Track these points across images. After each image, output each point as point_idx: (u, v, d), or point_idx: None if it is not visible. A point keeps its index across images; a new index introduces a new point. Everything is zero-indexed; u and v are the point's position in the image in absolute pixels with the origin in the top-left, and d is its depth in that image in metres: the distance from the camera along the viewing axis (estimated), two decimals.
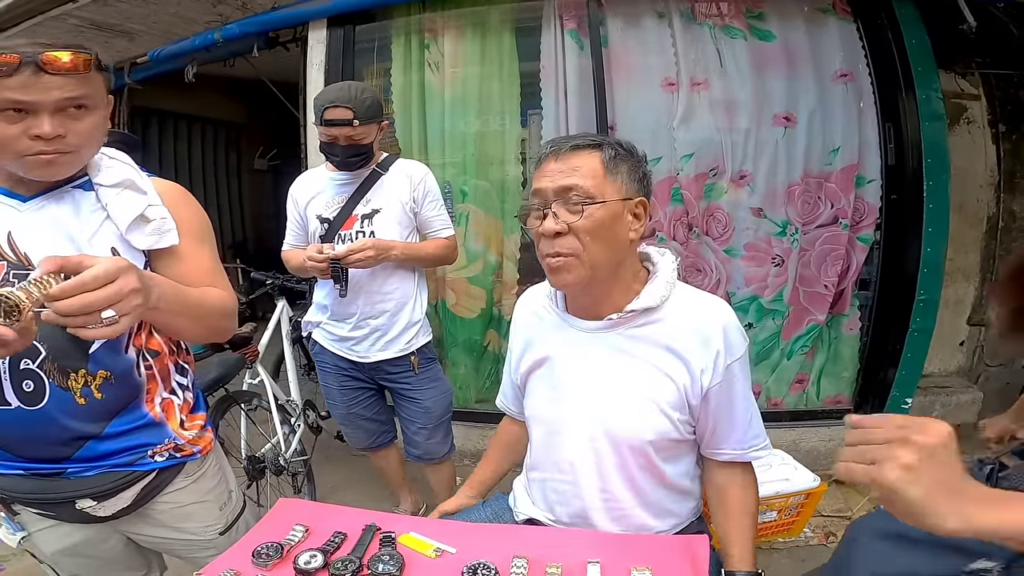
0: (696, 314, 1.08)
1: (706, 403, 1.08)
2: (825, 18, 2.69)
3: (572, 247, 1.03)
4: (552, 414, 1.17)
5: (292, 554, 0.99)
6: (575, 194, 1.02)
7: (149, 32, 3.62)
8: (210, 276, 1.14)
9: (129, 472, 1.09)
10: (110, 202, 1.04)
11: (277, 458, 2.29)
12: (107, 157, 1.09)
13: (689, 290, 1.13)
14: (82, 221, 1.02)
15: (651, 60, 2.72)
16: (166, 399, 1.14)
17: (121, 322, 0.80)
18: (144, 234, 1.05)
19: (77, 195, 1.04)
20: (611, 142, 1.07)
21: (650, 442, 1.08)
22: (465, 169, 2.90)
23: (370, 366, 2.03)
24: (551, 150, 1.08)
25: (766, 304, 2.78)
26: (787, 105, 2.66)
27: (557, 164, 1.05)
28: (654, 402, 1.07)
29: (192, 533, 1.23)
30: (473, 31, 2.86)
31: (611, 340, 1.10)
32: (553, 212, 1.04)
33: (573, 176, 1.03)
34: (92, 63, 0.95)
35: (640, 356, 1.08)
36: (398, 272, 1.96)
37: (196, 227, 1.15)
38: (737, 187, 2.70)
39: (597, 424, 1.10)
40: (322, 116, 1.80)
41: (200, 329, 1.11)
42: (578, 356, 1.13)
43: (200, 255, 1.15)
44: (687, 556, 0.98)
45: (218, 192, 6.09)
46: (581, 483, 1.13)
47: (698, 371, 1.05)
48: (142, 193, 1.08)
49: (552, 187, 1.04)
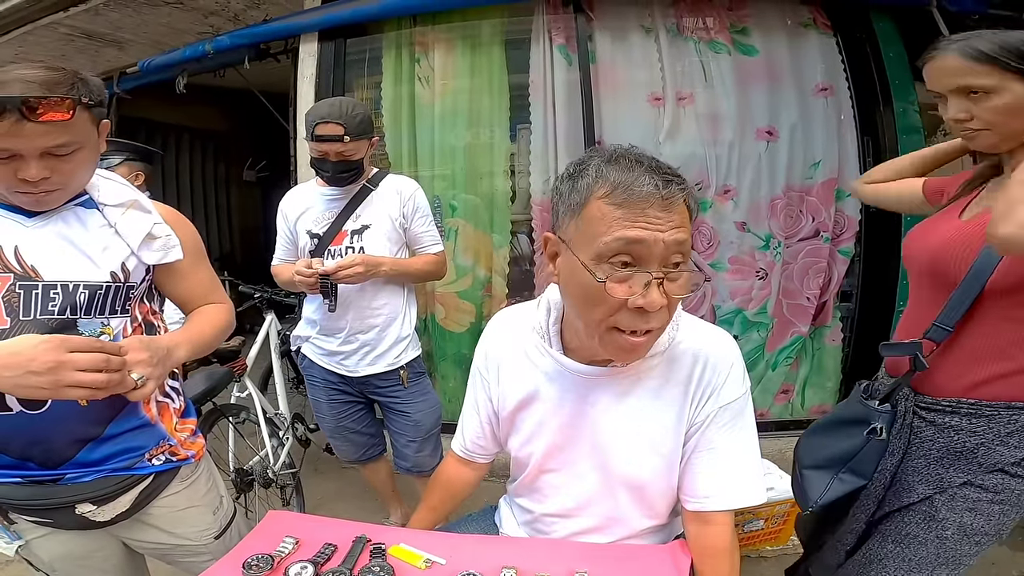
0: (694, 351, 0.99)
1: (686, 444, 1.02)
2: (806, 32, 2.75)
3: (662, 322, 0.87)
4: (543, 455, 1.09)
5: (283, 565, 1.00)
6: (679, 255, 0.83)
7: (139, 42, 3.64)
8: (210, 289, 1.28)
9: (127, 476, 1.12)
10: (118, 221, 1.09)
11: (265, 471, 2.29)
12: (103, 179, 1.13)
13: (692, 325, 1.02)
14: (92, 236, 1.06)
15: (638, 75, 2.77)
16: (161, 402, 1.19)
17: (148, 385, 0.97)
18: (152, 250, 1.13)
19: (80, 212, 1.07)
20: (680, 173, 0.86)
21: (647, 482, 1.04)
22: (454, 183, 2.92)
23: (359, 380, 2.04)
24: (662, 188, 0.80)
25: (750, 317, 2.82)
26: (769, 119, 2.71)
27: (667, 211, 0.81)
28: (652, 447, 1.01)
29: (188, 538, 1.25)
30: (463, 46, 2.89)
31: (612, 386, 1.01)
32: (663, 279, 0.83)
33: (683, 230, 0.83)
34: (75, 107, 0.93)
35: (641, 400, 1.00)
36: (387, 287, 1.97)
37: (193, 245, 1.25)
38: (722, 201, 2.75)
39: (593, 466, 1.05)
40: (313, 132, 1.82)
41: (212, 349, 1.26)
42: (576, 401, 1.03)
43: (200, 270, 1.26)
44: (673, 564, 1.00)
45: (206, 204, 6.04)
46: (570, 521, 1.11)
47: (687, 413, 0.99)
48: (147, 212, 1.15)
49: (664, 241, 0.81)
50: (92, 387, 0.89)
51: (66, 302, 1.01)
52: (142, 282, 1.14)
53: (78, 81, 0.96)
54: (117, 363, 0.92)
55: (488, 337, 1.18)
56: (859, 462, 1.17)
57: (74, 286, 1.02)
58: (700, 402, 0.99)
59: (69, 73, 0.96)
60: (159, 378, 1.01)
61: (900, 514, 1.19)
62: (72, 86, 0.95)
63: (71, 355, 0.88)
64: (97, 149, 1.05)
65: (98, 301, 1.04)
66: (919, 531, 1.15)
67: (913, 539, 1.16)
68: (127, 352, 0.95)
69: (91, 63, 3.87)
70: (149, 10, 3.19)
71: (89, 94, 0.97)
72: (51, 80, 0.93)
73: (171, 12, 3.21)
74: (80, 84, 0.96)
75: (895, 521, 1.19)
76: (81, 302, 1.02)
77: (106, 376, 0.90)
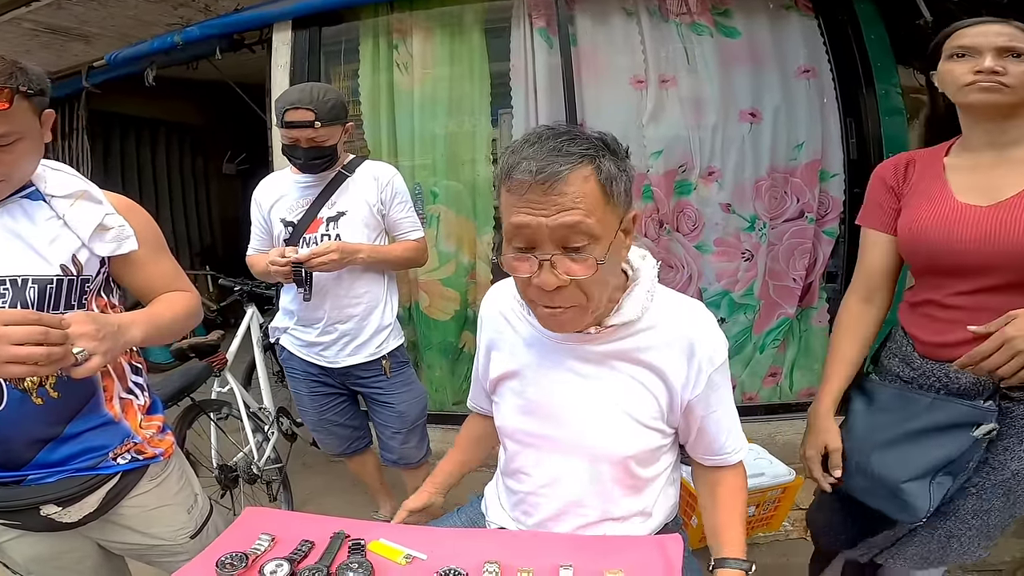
0: (675, 323, 0.99)
1: (688, 413, 1.03)
2: (788, 15, 2.73)
3: (575, 300, 0.88)
4: (524, 427, 1.10)
5: (258, 563, 0.97)
6: (577, 236, 0.83)
7: (106, 35, 3.55)
8: (172, 279, 1.24)
9: (92, 476, 1.09)
10: (66, 212, 1.05)
11: (250, 466, 2.25)
12: (49, 169, 1.09)
13: (667, 296, 1.03)
14: (39, 229, 1.03)
15: (620, 58, 2.74)
16: (125, 399, 1.16)
17: (93, 360, 0.90)
18: (105, 242, 1.09)
19: (26, 205, 1.04)
20: (601, 147, 0.85)
21: (630, 456, 1.03)
22: (435, 170, 2.88)
23: (340, 371, 2.00)
24: (536, 173, 0.80)
25: (737, 299, 2.81)
26: (752, 101, 2.70)
27: (547, 195, 0.81)
28: (633, 418, 1.01)
29: (162, 537, 1.23)
30: (442, 30, 2.85)
31: (587, 353, 1.01)
32: (551, 262, 0.84)
33: (574, 212, 0.81)
34: (12, 96, 0.91)
35: (618, 370, 1.01)
36: (367, 275, 1.93)
37: (151, 234, 1.21)
38: (706, 183, 2.73)
39: (573, 441, 1.05)
40: (283, 118, 1.77)
41: (175, 338, 1.23)
42: (552, 370, 1.04)
43: (159, 260, 1.22)
44: (661, 556, 0.97)
45: (184, 198, 5.98)
46: (553, 495, 1.09)
47: (679, 384, 0.99)
48: (98, 202, 1.11)
49: (548, 225, 0.82)
50: (30, 362, 0.83)
51: (16, 299, 0.97)
52: (97, 275, 1.10)
53: (16, 70, 0.94)
54: (57, 336, 0.86)
55: (483, 304, 1.20)
56: (958, 463, 1.14)
57: (23, 281, 0.98)
58: (696, 371, 0.99)
59: (7, 63, 0.93)
60: (107, 354, 0.94)
61: (982, 491, 1.17)
62: (10, 75, 0.92)
63: (5, 329, 0.83)
64: (41, 139, 1.03)
65: (50, 296, 1.01)
66: (998, 503, 1.17)
67: (992, 511, 1.18)
68: (69, 325, 0.89)
69: (57, 58, 3.80)
70: (115, 3, 3.12)
71: (28, 83, 0.95)
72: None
73: (138, 4, 3.13)
74: (19, 73, 0.94)
75: (975, 497, 1.18)
76: (31, 298, 0.99)
77: (45, 350, 0.84)
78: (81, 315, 0.93)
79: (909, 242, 1.21)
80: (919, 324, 1.23)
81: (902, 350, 1.26)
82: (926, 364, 1.20)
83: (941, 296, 1.17)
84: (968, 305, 1.13)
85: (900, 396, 1.23)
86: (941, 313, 1.17)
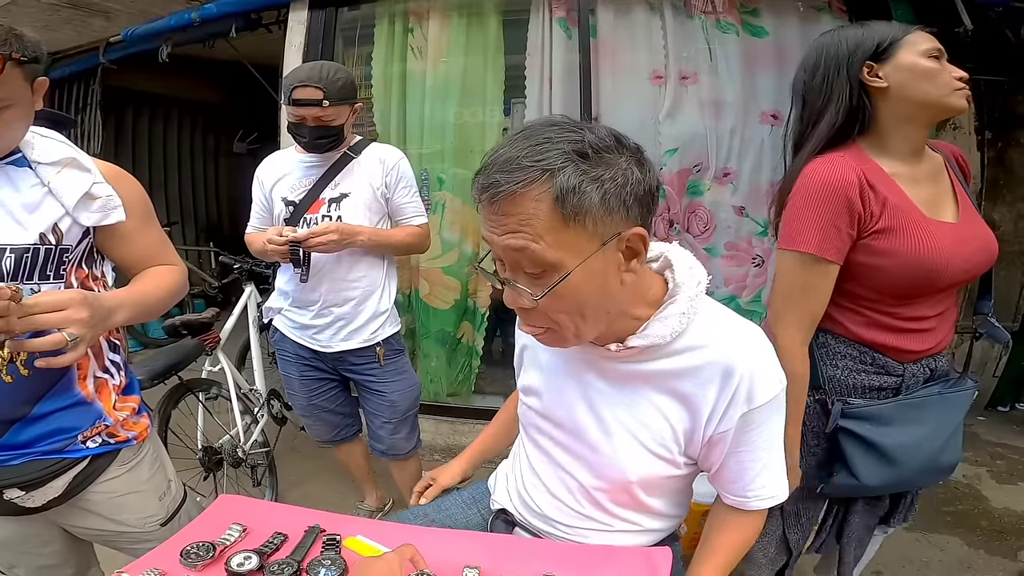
0: (717, 349, 0.86)
1: (710, 448, 0.91)
2: (820, 16, 2.65)
3: (545, 322, 0.82)
4: (537, 427, 1.06)
5: (225, 555, 0.92)
6: (527, 262, 0.76)
7: (127, 11, 3.58)
8: (159, 251, 1.21)
9: (59, 459, 1.05)
10: (52, 180, 1.02)
11: (235, 449, 2.20)
12: (39, 136, 1.06)
13: (717, 316, 0.90)
14: (22, 195, 1.00)
15: (640, 52, 2.67)
16: (100, 378, 1.11)
17: (79, 347, 0.88)
18: (90, 211, 1.05)
19: (11, 171, 1.01)
20: (571, 154, 0.72)
21: (633, 481, 0.95)
22: (444, 157, 2.83)
23: (333, 356, 1.95)
24: (482, 189, 0.74)
25: (744, 305, 2.74)
26: (775, 103, 2.61)
27: (497, 213, 0.75)
28: (639, 442, 0.92)
29: (130, 525, 1.19)
30: (459, 15, 2.79)
31: (608, 370, 0.93)
32: (509, 282, 0.80)
33: (519, 235, 0.73)
34: (3, 63, 0.90)
35: (638, 393, 0.91)
36: (366, 259, 1.88)
37: (140, 205, 1.17)
38: (720, 185, 2.66)
39: (578, 453, 0.99)
40: (291, 95, 1.72)
41: (159, 315, 1.19)
42: (570, 380, 0.98)
43: (148, 232, 1.18)
44: (647, 569, 0.92)
45: (194, 175, 6.02)
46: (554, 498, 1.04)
47: (704, 417, 0.87)
48: (86, 171, 1.07)
49: (500, 245, 0.76)
50: None
51: None
52: (79, 245, 1.06)
53: (11, 37, 0.92)
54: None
55: None
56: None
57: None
58: (727, 405, 0.86)
59: (3, 29, 0.92)
60: (91, 341, 0.92)
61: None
62: (4, 42, 0.90)
63: None
64: (31, 107, 1.00)
65: (25, 265, 0.97)
66: None
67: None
68: (66, 306, 0.86)
69: (77, 33, 3.83)
70: None
71: (23, 50, 0.93)
72: None
73: None
74: (13, 39, 0.92)
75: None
76: (7, 267, 0.95)
77: None
78: (78, 296, 0.89)
79: (917, 268, 1.12)
80: (904, 339, 1.21)
81: (876, 363, 1.22)
82: (911, 367, 1.23)
83: (926, 310, 1.20)
84: (943, 310, 1.22)
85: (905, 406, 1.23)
86: (927, 324, 1.21)
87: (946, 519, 2.34)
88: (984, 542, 2.21)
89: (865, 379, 1.23)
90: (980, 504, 2.46)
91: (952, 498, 2.47)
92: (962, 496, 2.49)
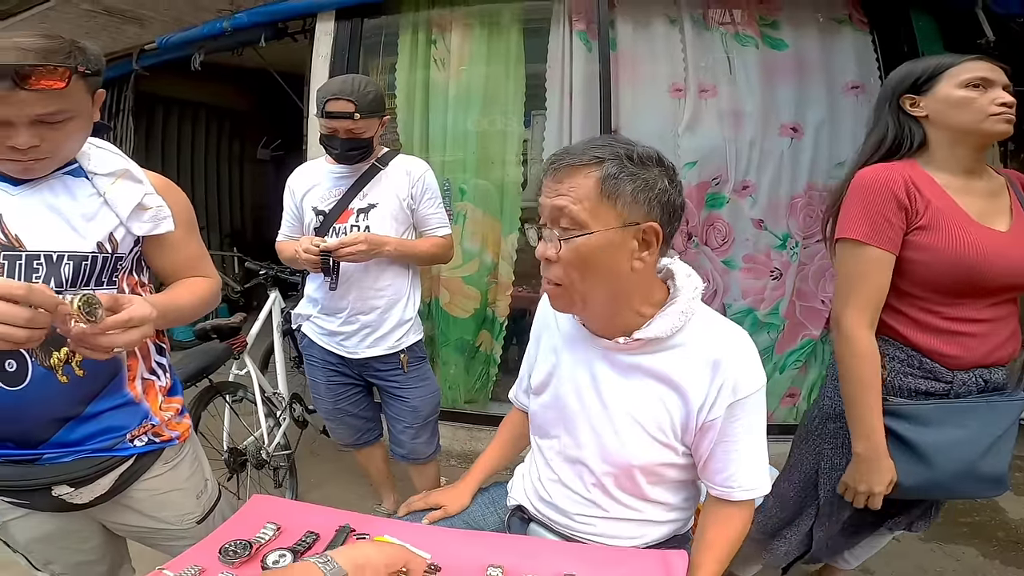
0: (707, 344, 1.00)
1: (702, 435, 1.02)
2: (840, 28, 2.67)
3: (559, 277, 0.98)
4: (547, 419, 1.16)
5: (261, 553, 0.97)
6: (564, 219, 0.95)
7: (160, 19, 3.65)
8: (198, 262, 1.25)
9: (107, 457, 1.08)
10: (107, 190, 1.05)
11: (259, 451, 2.26)
12: (94, 147, 1.09)
13: (708, 318, 1.04)
14: (80, 205, 1.03)
15: (659, 65, 2.70)
16: (147, 379, 1.15)
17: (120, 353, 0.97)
18: (142, 221, 1.09)
19: (69, 181, 1.04)
20: (620, 154, 0.93)
21: (636, 467, 1.05)
22: (465, 167, 2.87)
23: (358, 362, 1.99)
24: (551, 164, 0.98)
25: (762, 317, 2.75)
26: (795, 115, 2.63)
27: (554, 181, 0.96)
28: (643, 428, 1.03)
29: (169, 522, 1.22)
30: (481, 28, 2.84)
31: (615, 361, 1.05)
32: (547, 231, 0.98)
33: (564, 198, 0.94)
34: (70, 76, 0.91)
35: (640, 382, 1.03)
36: (392, 268, 1.93)
37: (186, 216, 1.21)
38: (739, 197, 2.67)
39: (583, 440, 1.09)
40: (324, 108, 1.77)
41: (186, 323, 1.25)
42: (579, 368, 1.09)
43: (190, 243, 1.23)
44: (663, 571, 0.95)
45: (219, 180, 6.08)
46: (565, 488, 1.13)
47: (696, 406, 1.00)
48: (138, 182, 1.11)
49: (548, 205, 0.97)
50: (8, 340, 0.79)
51: (50, 274, 0.97)
52: (130, 253, 1.10)
53: (75, 50, 0.93)
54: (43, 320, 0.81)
55: (541, 301, 1.27)
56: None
57: (58, 257, 0.98)
58: (716, 394, 0.99)
59: (67, 42, 0.93)
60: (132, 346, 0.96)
61: None
62: (69, 55, 0.92)
63: None
64: (90, 119, 1.02)
65: (83, 273, 1.01)
66: None
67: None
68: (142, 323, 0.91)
69: (112, 40, 3.90)
70: None
71: (87, 63, 0.94)
72: (47, 48, 0.90)
73: None
74: (77, 53, 0.93)
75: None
76: (66, 274, 0.99)
77: (26, 333, 0.80)
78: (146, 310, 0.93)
79: (957, 264, 1.20)
80: (950, 342, 1.26)
81: (923, 367, 1.28)
82: (961, 375, 1.26)
83: (973, 313, 1.24)
84: (992, 317, 1.25)
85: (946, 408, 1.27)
86: (975, 328, 1.25)
87: (963, 529, 2.33)
88: (1000, 553, 2.20)
89: (912, 382, 1.29)
90: (997, 515, 2.44)
91: (969, 509, 2.46)
92: (979, 507, 2.48)
